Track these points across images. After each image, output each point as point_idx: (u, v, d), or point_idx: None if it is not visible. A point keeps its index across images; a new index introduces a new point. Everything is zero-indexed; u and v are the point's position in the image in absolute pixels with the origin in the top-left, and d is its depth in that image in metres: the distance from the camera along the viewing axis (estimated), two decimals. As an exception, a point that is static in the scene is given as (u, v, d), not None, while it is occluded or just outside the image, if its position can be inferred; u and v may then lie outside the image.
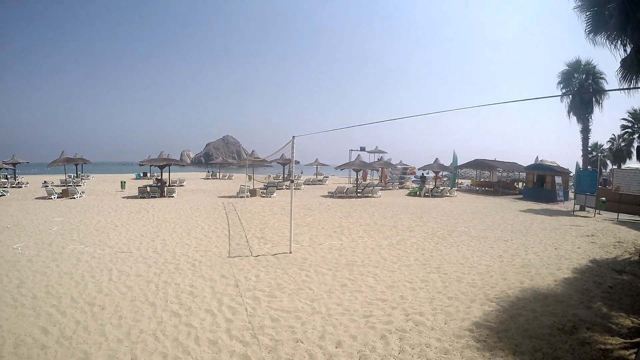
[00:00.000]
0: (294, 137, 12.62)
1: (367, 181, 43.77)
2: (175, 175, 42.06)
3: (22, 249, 13.31)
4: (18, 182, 37.51)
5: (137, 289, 9.27)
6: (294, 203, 13.61)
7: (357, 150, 50.34)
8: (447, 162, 39.30)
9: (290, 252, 12.44)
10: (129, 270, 10.80)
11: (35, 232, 16.01)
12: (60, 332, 7.09)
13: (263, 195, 28.75)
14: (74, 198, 27.40)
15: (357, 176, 34.55)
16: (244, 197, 27.42)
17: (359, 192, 30.02)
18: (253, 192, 29.09)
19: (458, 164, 41.40)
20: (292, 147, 12.71)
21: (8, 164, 37.34)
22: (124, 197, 28.16)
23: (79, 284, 9.66)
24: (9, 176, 40.31)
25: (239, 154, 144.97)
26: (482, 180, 45.79)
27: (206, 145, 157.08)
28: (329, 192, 31.90)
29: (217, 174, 52.44)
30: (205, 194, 31.17)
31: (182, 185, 37.15)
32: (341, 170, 35.86)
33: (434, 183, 37.51)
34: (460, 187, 42.47)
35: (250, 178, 40.89)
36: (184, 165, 41.38)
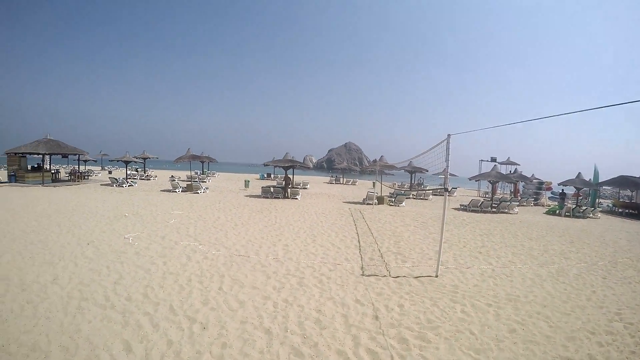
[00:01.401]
0: (449, 135, 10.12)
1: (499, 195, 38.99)
2: (298, 179, 42.08)
3: (132, 239, 12.93)
4: (147, 175, 41.63)
5: (250, 307, 7.54)
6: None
7: (487, 160, 45.98)
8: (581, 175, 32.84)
9: (437, 276, 10.36)
10: (243, 279, 9.27)
11: (151, 223, 16.01)
12: (145, 353, 5.63)
13: (391, 203, 26.77)
14: (198, 193, 28.43)
15: (492, 189, 33.54)
16: (371, 204, 25.85)
17: (494, 207, 26.44)
18: (381, 200, 27.24)
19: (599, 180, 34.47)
20: (447, 148, 10.14)
21: (139, 158, 41.14)
22: (246, 196, 28.37)
23: (183, 290, 8.34)
24: (138, 169, 44.77)
25: (361, 161, 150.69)
26: (625, 200, 37.19)
27: (328, 151, 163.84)
28: (461, 205, 28.54)
29: (341, 179, 51.98)
30: (330, 198, 30.06)
31: (306, 188, 36.89)
32: (476, 181, 34.82)
33: (575, 201, 33.79)
34: (600, 208, 35.13)
35: (374, 184, 39.27)
36: (308, 168, 41.11)
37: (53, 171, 35.90)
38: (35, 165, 34.77)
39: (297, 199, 27.41)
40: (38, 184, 31.53)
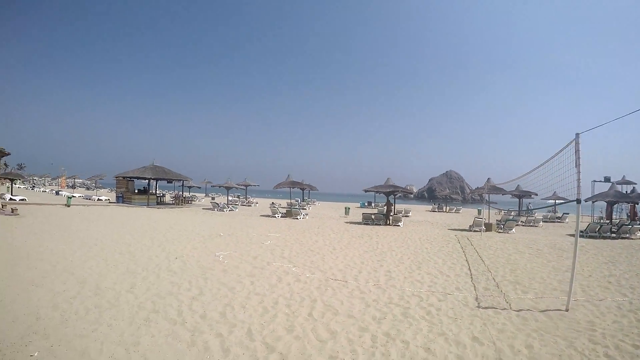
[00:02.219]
0: (578, 134, 7.96)
1: (615, 219, 33.44)
2: (400, 207, 40.24)
3: (223, 257, 12.25)
4: (248, 202, 42.53)
5: (343, 338, 6.16)
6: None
7: (600, 181, 39.78)
8: None
9: (567, 310, 8.12)
10: (338, 305, 7.89)
11: (245, 243, 15.59)
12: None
13: (500, 230, 24.12)
14: (297, 219, 28.08)
15: (608, 211, 31.53)
16: (478, 231, 23.35)
17: (613, 232, 22.69)
18: (489, 227, 24.49)
19: None
20: (577, 150, 7.96)
21: (240, 185, 42.48)
22: (347, 222, 27.30)
23: (267, 312, 7.22)
24: (240, 196, 46.49)
25: (462, 189, 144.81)
26: None
27: (429, 180, 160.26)
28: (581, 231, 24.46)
29: (444, 207, 49.13)
30: (433, 225, 27.78)
31: (408, 216, 34.96)
32: (593, 202, 32.79)
33: None
34: None
35: (481, 212, 36.70)
36: (410, 193, 38.83)
37: (159, 195, 38.30)
38: (142, 189, 37.73)
39: (399, 225, 25.76)
40: (143, 205, 34.05)
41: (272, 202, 41.82)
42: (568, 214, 39.45)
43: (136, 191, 36.89)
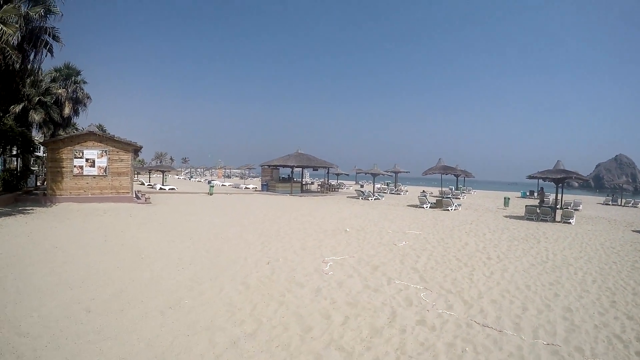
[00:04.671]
0: None
1: None
2: (567, 198, 32.56)
3: (331, 266, 9.09)
4: (397, 189, 39.91)
5: None
6: None
7: None
8: None
9: None
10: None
11: (373, 244, 12.36)
12: None
13: None
14: (448, 210, 23.78)
15: None
16: None
17: None
18: None
19: None
20: None
21: (388, 172, 39.55)
22: (506, 216, 21.94)
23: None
24: (389, 183, 44.13)
25: (634, 178, 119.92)
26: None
27: (596, 167, 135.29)
28: None
29: (619, 199, 38.57)
30: (611, 224, 20.37)
31: (578, 209, 27.29)
32: None
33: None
34: None
35: None
36: (585, 180, 30.16)
37: (305, 183, 38.25)
38: (286, 177, 37.64)
39: (570, 223, 19.55)
40: (286, 193, 33.42)
41: (423, 191, 37.72)
42: None
43: (280, 179, 36.76)
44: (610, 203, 38.36)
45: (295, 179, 37.13)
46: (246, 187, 40.35)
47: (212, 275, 8.00)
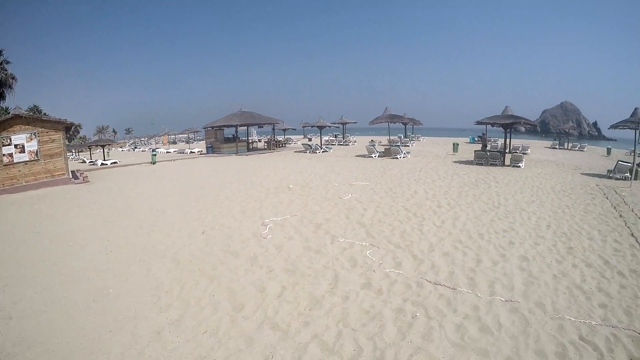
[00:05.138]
0: None
1: None
2: (515, 142, 33.20)
3: (271, 228, 8.26)
4: (346, 141, 39.41)
5: None
6: None
7: None
8: None
9: None
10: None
11: (317, 199, 11.57)
12: None
13: None
14: (397, 158, 23.28)
15: None
16: (622, 179, 16.45)
17: None
18: (635, 173, 16.86)
19: None
20: None
21: (336, 124, 38.79)
22: (455, 162, 21.75)
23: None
24: (337, 135, 43.90)
25: (579, 123, 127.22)
26: None
27: (542, 113, 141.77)
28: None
29: (565, 143, 40.14)
30: (560, 167, 20.69)
31: (526, 153, 27.83)
32: None
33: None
34: None
35: (609, 151, 31.63)
36: (533, 125, 30.73)
37: (250, 141, 36.91)
38: (230, 137, 36.06)
39: (519, 166, 19.62)
40: (232, 153, 31.98)
41: (371, 140, 37.26)
42: None
43: (225, 140, 35.25)
44: (557, 147, 39.50)
45: (240, 138, 35.56)
46: (191, 152, 38.46)
47: (142, 255, 7.00)
